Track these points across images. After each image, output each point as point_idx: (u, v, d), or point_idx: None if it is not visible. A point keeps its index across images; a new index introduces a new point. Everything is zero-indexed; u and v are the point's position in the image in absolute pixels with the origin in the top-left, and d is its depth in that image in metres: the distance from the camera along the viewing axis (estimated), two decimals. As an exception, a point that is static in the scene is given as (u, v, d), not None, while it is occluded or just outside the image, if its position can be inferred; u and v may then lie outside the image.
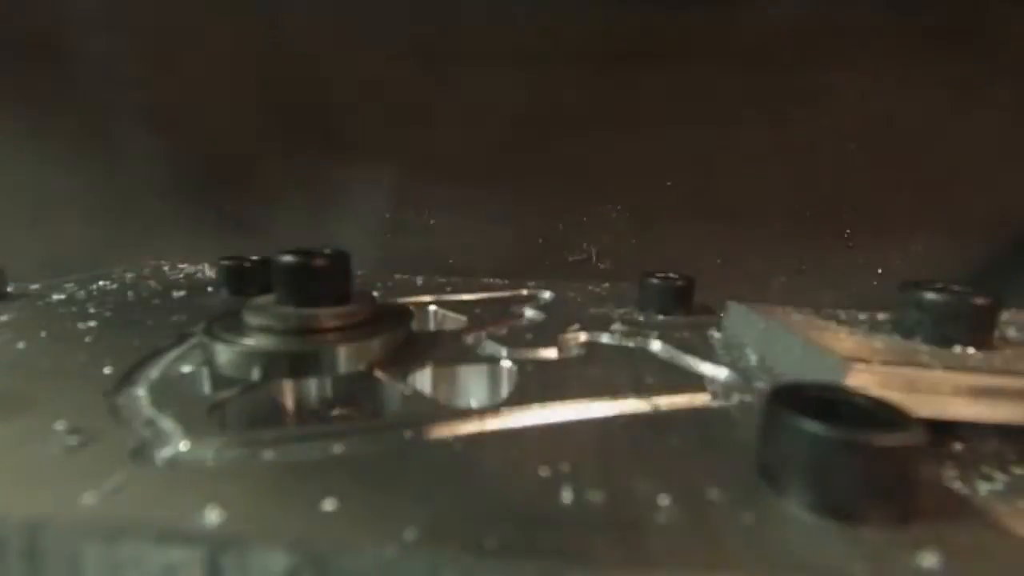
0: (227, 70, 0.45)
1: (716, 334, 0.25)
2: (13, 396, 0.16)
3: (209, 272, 0.37)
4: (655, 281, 0.29)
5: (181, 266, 0.39)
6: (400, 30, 0.44)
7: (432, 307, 0.29)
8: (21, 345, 0.21)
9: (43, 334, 0.22)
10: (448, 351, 0.22)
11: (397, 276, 0.36)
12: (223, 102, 0.45)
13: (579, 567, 0.10)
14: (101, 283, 0.32)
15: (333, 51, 0.45)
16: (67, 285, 0.31)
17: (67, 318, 0.25)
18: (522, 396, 0.17)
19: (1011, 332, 0.22)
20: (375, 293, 0.26)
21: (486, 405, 0.18)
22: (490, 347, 0.22)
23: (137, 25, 0.43)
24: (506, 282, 0.35)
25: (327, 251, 0.21)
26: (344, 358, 0.19)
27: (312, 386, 0.20)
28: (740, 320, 0.25)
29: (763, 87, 0.43)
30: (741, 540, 0.11)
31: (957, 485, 0.14)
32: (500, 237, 0.45)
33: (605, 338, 0.24)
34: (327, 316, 0.20)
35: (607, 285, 0.35)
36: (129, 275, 0.35)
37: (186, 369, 0.19)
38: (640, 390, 0.18)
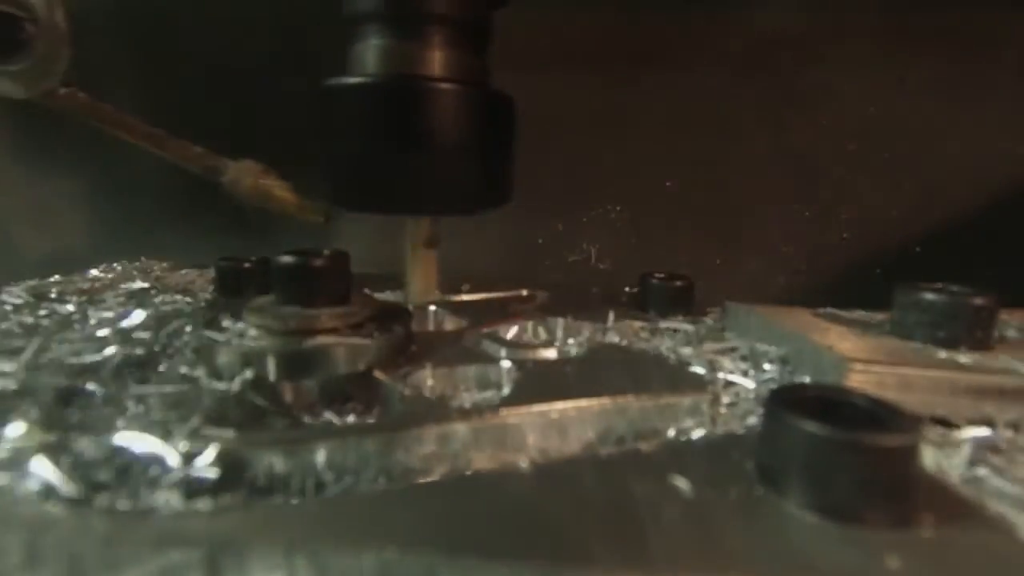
0: (226, 69, 0.45)
1: (716, 334, 0.25)
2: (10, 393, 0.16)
3: (209, 272, 0.37)
4: (655, 281, 0.29)
5: (180, 266, 0.39)
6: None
7: (432, 307, 0.29)
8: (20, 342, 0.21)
9: (46, 331, 0.22)
10: (448, 351, 0.22)
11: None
12: (223, 101, 0.45)
13: (579, 567, 0.10)
14: (99, 282, 0.32)
15: (333, 50, 0.45)
16: (64, 283, 0.31)
17: (68, 318, 0.25)
18: (521, 396, 0.17)
19: (1011, 332, 0.22)
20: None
21: (485, 405, 0.18)
22: (490, 347, 0.22)
23: (137, 24, 0.43)
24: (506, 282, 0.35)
25: (327, 251, 0.21)
26: (343, 358, 0.19)
27: (311, 386, 0.20)
28: (740, 320, 0.25)
29: (763, 88, 0.43)
30: (741, 540, 0.11)
31: (957, 485, 0.14)
32: (500, 237, 0.45)
33: (604, 338, 0.24)
34: (326, 316, 0.20)
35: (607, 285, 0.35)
36: (128, 274, 0.35)
37: (185, 369, 0.19)
38: (640, 390, 0.18)
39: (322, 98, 0.27)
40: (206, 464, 0.13)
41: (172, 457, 0.13)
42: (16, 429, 0.15)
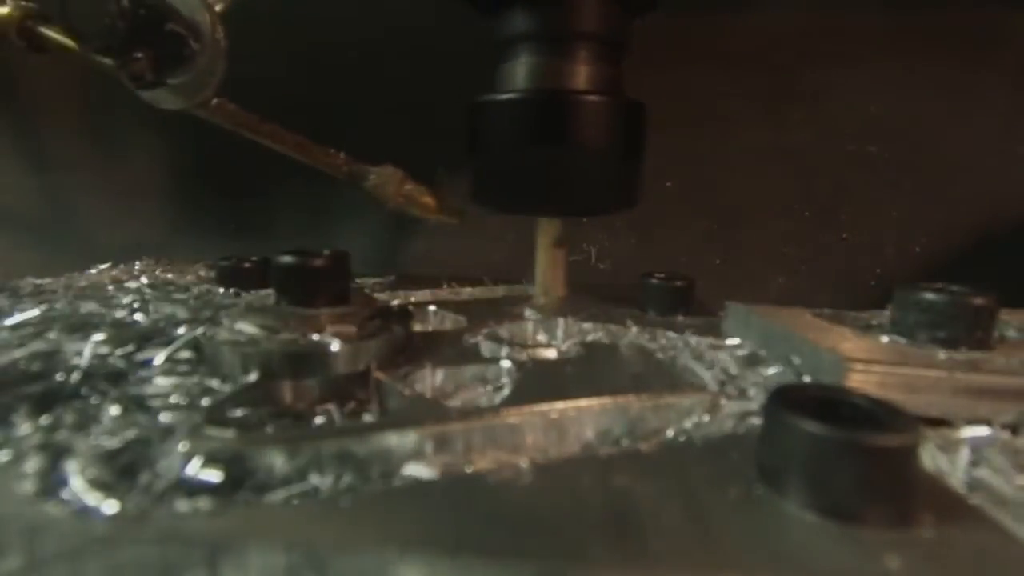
0: (227, 68, 0.45)
1: (716, 334, 0.25)
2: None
3: (208, 272, 0.37)
4: (655, 281, 0.29)
5: (180, 266, 0.39)
6: (400, 29, 0.44)
7: (432, 307, 0.29)
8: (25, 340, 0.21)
9: (47, 332, 0.22)
10: (448, 351, 0.22)
11: (396, 276, 0.36)
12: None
13: (579, 567, 0.10)
14: (99, 282, 0.32)
15: (333, 51, 0.45)
16: (63, 282, 0.31)
17: (67, 317, 0.25)
18: (521, 396, 0.17)
19: (1011, 332, 0.22)
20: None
21: (485, 405, 0.18)
22: (490, 347, 0.22)
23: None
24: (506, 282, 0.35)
25: (327, 251, 0.21)
26: (343, 358, 0.19)
27: (311, 387, 0.20)
28: (740, 320, 0.25)
29: (763, 88, 0.43)
30: (741, 540, 0.11)
31: (957, 485, 0.14)
32: (500, 237, 0.45)
33: (605, 338, 0.24)
34: (326, 316, 0.20)
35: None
36: (128, 274, 0.35)
37: (185, 369, 0.19)
38: (640, 390, 0.18)
39: (473, 112, 0.29)
40: (206, 464, 0.13)
41: (172, 457, 0.13)
42: (16, 429, 0.15)
